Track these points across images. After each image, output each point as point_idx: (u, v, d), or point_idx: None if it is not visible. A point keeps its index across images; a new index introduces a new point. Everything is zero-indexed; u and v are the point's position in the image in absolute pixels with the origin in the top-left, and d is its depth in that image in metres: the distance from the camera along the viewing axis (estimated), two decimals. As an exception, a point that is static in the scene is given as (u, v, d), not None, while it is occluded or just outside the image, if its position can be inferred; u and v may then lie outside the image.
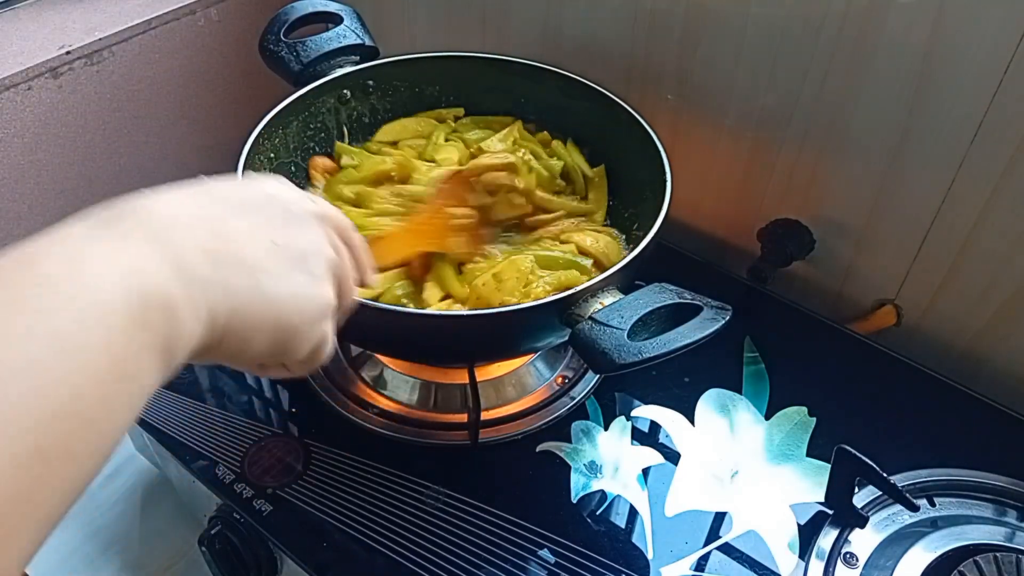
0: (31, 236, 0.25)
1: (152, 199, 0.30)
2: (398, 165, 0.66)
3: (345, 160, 0.68)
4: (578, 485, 0.58)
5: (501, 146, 0.69)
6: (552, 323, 0.50)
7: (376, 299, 0.56)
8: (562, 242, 0.63)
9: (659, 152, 0.61)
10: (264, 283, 0.31)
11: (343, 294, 0.37)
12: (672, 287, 0.48)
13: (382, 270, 0.58)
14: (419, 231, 0.60)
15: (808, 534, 0.55)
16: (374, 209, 0.63)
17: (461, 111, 0.74)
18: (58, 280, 0.24)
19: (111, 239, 0.27)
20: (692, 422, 0.63)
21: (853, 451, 0.53)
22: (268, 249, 0.32)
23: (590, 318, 0.46)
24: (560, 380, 0.66)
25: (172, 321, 0.27)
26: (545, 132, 0.71)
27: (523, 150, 0.68)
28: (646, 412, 0.63)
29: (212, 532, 0.58)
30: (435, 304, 0.57)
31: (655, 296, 0.47)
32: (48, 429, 0.22)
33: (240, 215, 0.32)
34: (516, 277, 0.57)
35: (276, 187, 0.35)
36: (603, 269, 0.61)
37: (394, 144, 0.71)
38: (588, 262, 0.60)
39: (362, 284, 0.40)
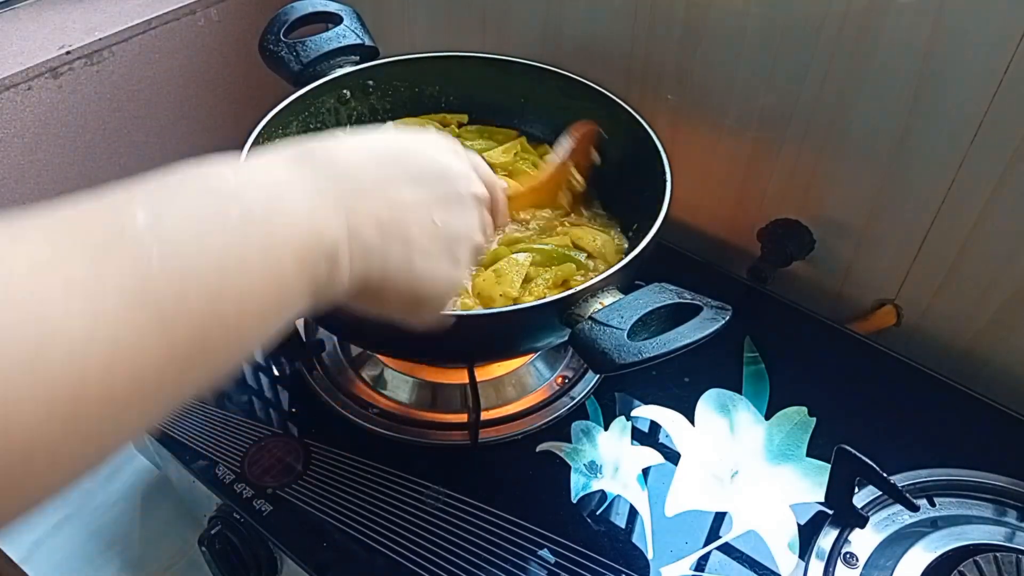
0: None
1: (340, 150, 0.34)
2: None
3: None
4: (578, 485, 0.58)
5: (503, 158, 0.69)
6: (552, 323, 0.50)
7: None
8: (557, 235, 0.63)
9: (659, 152, 0.61)
10: (415, 261, 0.35)
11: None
12: (672, 287, 0.48)
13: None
14: (543, 187, 0.63)
15: (808, 534, 0.55)
16: None
17: (465, 117, 0.74)
18: (257, 211, 0.28)
19: (306, 188, 0.30)
20: (692, 422, 0.62)
21: (853, 451, 0.53)
22: (429, 228, 0.35)
23: (590, 318, 0.46)
24: (560, 380, 0.66)
25: (333, 273, 0.31)
26: (546, 146, 0.72)
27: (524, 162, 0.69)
28: (646, 412, 0.63)
29: (212, 532, 0.58)
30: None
31: (655, 296, 0.47)
32: (211, 331, 0.25)
33: (414, 185, 0.35)
34: (516, 271, 0.57)
35: (450, 159, 0.38)
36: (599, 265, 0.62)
37: None
38: (582, 255, 0.61)
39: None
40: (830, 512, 0.55)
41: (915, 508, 0.53)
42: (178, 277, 0.24)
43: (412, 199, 0.35)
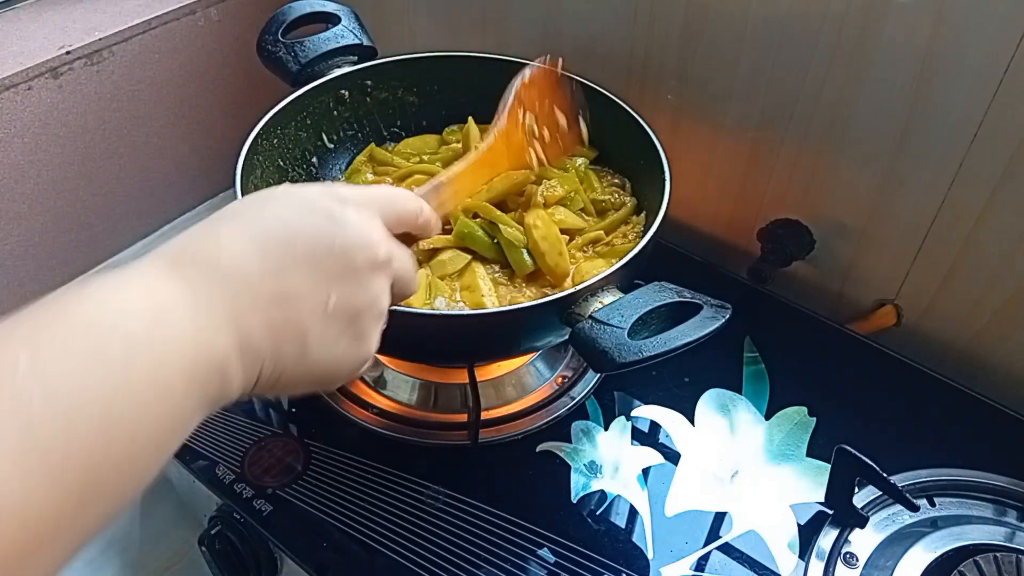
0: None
1: (222, 247, 0.32)
2: None
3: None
4: (578, 485, 0.58)
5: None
6: (552, 322, 0.50)
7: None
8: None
9: (659, 152, 0.61)
10: (311, 354, 0.33)
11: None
12: (672, 286, 0.48)
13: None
14: (492, 156, 0.55)
15: (808, 534, 0.55)
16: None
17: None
18: (141, 340, 0.27)
19: (188, 304, 0.29)
20: (692, 422, 0.62)
21: (853, 451, 0.53)
22: (322, 315, 0.33)
23: (590, 317, 0.46)
24: (560, 380, 0.66)
25: (225, 385, 0.30)
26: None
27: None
28: (646, 412, 0.63)
29: (212, 532, 0.58)
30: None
31: (655, 295, 0.47)
32: (103, 469, 0.25)
33: (305, 269, 0.33)
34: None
35: (343, 226, 0.35)
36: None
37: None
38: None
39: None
40: (830, 512, 0.55)
41: (915, 508, 0.53)
42: (63, 421, 0.24)
43: (304, 287, 0.33)
